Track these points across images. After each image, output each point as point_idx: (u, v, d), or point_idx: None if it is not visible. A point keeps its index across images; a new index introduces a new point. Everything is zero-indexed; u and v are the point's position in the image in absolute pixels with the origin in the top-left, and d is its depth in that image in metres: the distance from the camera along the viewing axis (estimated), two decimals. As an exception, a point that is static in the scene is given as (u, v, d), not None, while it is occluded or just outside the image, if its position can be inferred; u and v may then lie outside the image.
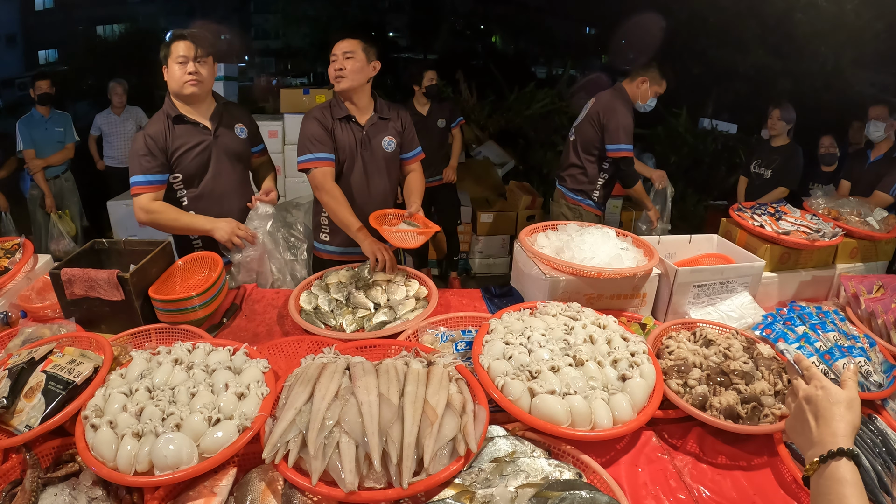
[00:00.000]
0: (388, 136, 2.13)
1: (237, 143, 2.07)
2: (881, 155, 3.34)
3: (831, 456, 0.73)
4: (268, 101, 5.61)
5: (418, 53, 9.74)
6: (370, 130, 2.09)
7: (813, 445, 0.79)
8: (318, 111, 2.06)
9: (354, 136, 2.07)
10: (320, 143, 2.01)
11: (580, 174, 3.08)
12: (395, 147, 2.16)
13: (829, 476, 0.72)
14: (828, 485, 0.72)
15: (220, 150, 2.01)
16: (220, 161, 2.01)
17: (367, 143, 2.09)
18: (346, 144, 2.06)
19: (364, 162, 2.10)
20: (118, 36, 8.89)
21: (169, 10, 8.78)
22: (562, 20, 9.38)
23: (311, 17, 8.78)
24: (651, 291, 1.73)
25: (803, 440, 0.82)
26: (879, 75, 5.36)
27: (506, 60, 8.79)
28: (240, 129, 2.09)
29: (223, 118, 2.03)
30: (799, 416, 0.84)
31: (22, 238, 1.89)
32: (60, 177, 4.19)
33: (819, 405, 0.81)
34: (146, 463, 0.99)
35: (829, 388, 0.83)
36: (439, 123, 3.81)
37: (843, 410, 0.80)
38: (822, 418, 0.80)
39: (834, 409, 0.80)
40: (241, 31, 8.88)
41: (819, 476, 0.74)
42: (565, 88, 6.71)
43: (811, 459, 0.76)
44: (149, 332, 1.52)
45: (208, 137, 1.98)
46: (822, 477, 0.73)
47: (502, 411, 1.16)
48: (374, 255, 1.86)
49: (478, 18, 9.74)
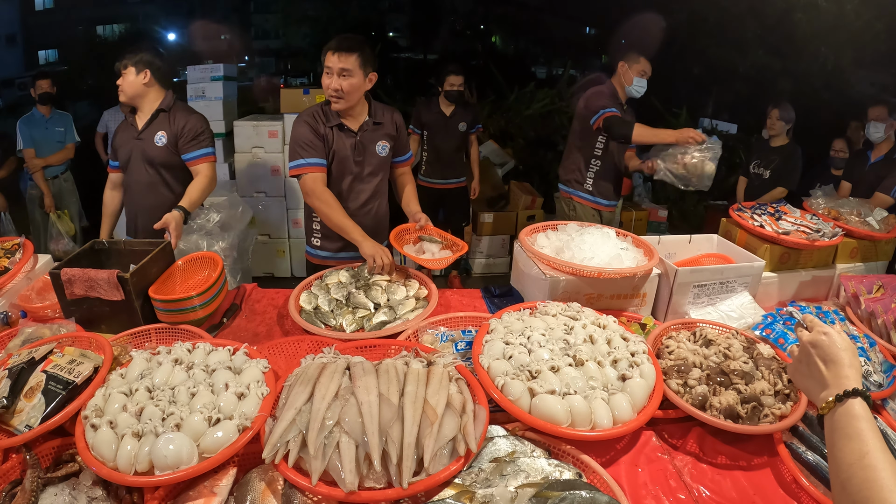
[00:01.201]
0: (382, 140, 2.11)
1: (153, 148, 2.22)
2: (882, 156, 3.32)
3: (847, 395, 0.78)
4: (268, 101, 5.60)
5: (418, 53, 9.74)
6: (364, 136, 2.06)
7: (825, 386, 0.83)
8: (309, 115, 2.03)
9: (347, 142, 2.04)
10: (311, 149, 1.98)
11: (568, 163, 3.16)
12: (388, 151, 2.14)
13: (845, 413, 0.76)
14: (845, 420, 0.76)
15: (139, 151, 2.23)
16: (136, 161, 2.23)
17: (360, 149, 2.06)
18: (339, 150, 2.04)
19: (358, 167, 2.08)
20: (118, 36, 8.88)
21: (169, 10, 8.77)
22: (562, 20, 9.38)
23: (311, 17, 8.77)
24: (651, 291, 1.73)
25: (812, 383, 0.86)
26: (879, 75, 5.36)
27: (506, 60, 8.78)
28: (160, 137, 2.21)
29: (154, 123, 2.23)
30: (806, 359, 0.88)
31: (22, 238, 1.89)
32: (60, 177, 4.18)
33: (826, 350, 0.86)
34: (146, 463, 0.99)
35: (832, 335, 0.87)
36: (460, 127, 3.83)
37: (850, 356, 0.84)
38: (830, 361, 0.85)
39: (841, 354, 0.84)
40: (241, 31, 8.87)
41: (834, 414, 0.78)
42: (565, 88, 6.70)
43: (825, 399, 0.80)
44: (149, 332, 1.52)
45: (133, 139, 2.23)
46: (838, 414, 0.77)
47: (502, 411, 1.16)
48: (372, 258, 1.84)
49: (478, 18, 9.73)
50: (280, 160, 4.08)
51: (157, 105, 2.24)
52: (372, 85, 2.02)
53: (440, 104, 3.78)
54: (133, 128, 2.25)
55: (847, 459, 0.71)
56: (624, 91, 2.94)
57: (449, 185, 3.93)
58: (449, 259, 1.90)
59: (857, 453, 0.71)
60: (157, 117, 2.23)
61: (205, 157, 2.25)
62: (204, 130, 2.26)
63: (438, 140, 3.82)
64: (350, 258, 2.11)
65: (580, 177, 3.10)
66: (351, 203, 2.09)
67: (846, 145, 3.88)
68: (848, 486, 0.69)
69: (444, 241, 2.01)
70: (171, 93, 2.29)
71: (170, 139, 2.21)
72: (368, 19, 9.25)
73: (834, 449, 0.74)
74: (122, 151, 2.27)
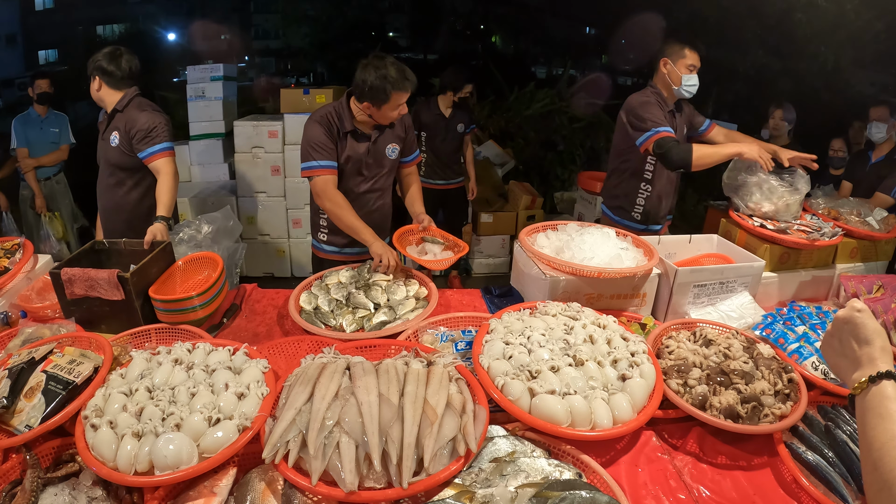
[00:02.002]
0: (393, 143, 2.13)
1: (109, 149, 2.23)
2: (882, 156, 3.32)
3: (880, 377, 0.78)
4: (268, 101, 5.60)
5: (418, 53, 9.74)
6: (376, 140, 2.08)
7: (858, 366, 0.83)
8: (322, 117, 2.02)
9: (362, 146, 2.06)
10: (324, 151, 1.98)
11: (612, 184, 2.58)
12: (398, 153, 2.16)
13: (878, 393, 0.77)
14: (877, 401, 0.76)
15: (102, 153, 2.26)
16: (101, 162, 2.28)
17: (372, 152, 2.09)
18: (353, 154, 2.05)
19: (369, 169, 2.10)
20: (118, 36, 8.89)
21: (169, 10, 8.76)
22: (562, 20, 9.38)
23: (311, 17, 8.77)
24: (651, 291, 1.73)
25: (845, 362, 0.86)
26: (879, 75, 5.36)
27: (506, 60, 8.78)
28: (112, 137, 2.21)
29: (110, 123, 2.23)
30: (839, 335, 0.88)
31: (22, 238, 1.89)
32: (52, 178, 4.13)
33: (860, 329, 0.85)
34: (146, 463, 0.99)
35: (866, 312, 0.87)
36: (459, 128, 3.83)
37: (883, 339, 0.84)
38: (863, 341, 0.84)
39: (873, 336, 0.84)
40: (241, 31, 8.87)
41: (866, 395, 0.78)
42: (565, 88, 6.70)
43: (858, 380, 0.80)
44: (149, 332, 1.52)
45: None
46: (871, 395, 0.77)
47: (502, 411, 1.16)
48: (379, 257, 1.85)
49: (478, 18, 9.73)
50: (280, 160, 4.08)
51: (112, 107, 2.23)
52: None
53: (439, 105, 3.77)
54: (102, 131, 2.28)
55: (880, 439, 0.71)
56: (672, 93, 2.35)
57: (448, 186, 3.94)
58: (450, 260, 1.92)
59: (889, 433, 0.71)
60: (114, 118, 2.23)
61: (161, 153, 2.18)
62: (156, 126, 2.19)
63: (438, 141, 3.82)
64: (356, 254, 2.14)
65: (627, 203, 2.51)
66: (358, 202, 2.10)
67: (844, 145, 3.87)
68: (880, 465, 0.69)
69: (446, 243, 2.03)
70: (132, 90, 2.24)
71: (122, 139, 2.19)
72: (368, 19, 9.26)
73: (866, 428, 0.75)
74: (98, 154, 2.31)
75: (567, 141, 6.05)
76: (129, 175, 2.25)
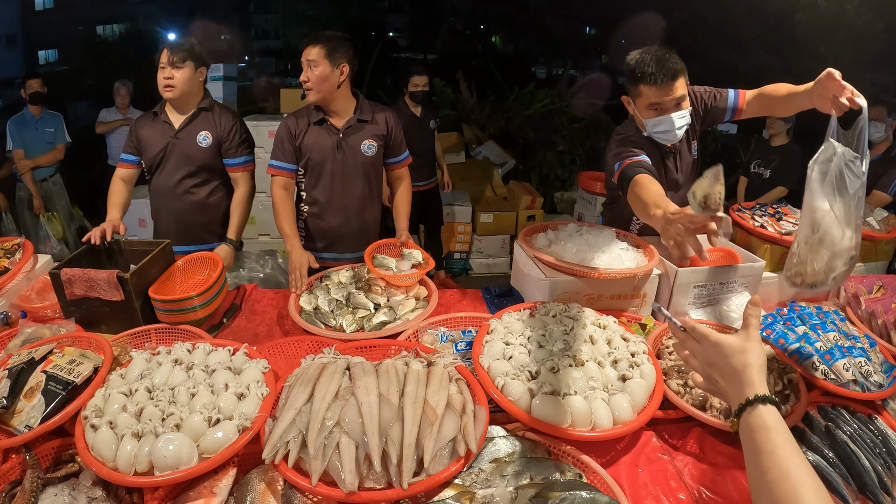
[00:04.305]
0: (368, 139, 2.09)
1: (196, 149, 2.17)
2: (879, 154, 3.33)
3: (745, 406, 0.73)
4: (268, 101, 5.61)
5: (418, 53, 9.74)
6: (347, 133, 2.06)
7: (731, 402, 0.78)
8: (294, 113, 2.06)
9: (329, 139, 2.05)
10: (281, 153, 2.05)
11: (608, 206, 2.31)
12: (376, 150, 2.11)
13: (751, 426, 0.72)
14: (750, 435, 0.71)
15: (178, 150, 2.16)
16: (171, 160, 2.18)
17: (343, 147, 2.06)
18: (319, 148, 2.04)
19: (340, 165, 2.07)
20: (118, 36, 8.89)
21: (169, 10, 8.77)
22: (562, 20, 9.39)
23: (311, 17, 8.77)
24: (651, 292, 1.73)
25: (724, 398, 0.82)
26: (879, 75, 5.36)
27: (506, 60, 8.80)
28: (203, 137, 2.17)
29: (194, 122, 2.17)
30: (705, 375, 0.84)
31: (22, 238, 1.89)
32: (49, 180, 4.13)
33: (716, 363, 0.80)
34: (146, 463, 0.99)
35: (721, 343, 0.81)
36: (431, 124, 3.81)
37: (742, 358, 0.78)
38: (724, 375, 0.79)
39: (732, 361, 0.78)
40: (241, 31, 8.87)
41: (743, 430, 0.73)
42: (565, 88, 6.71)
43: (732, 421, 0.76)
44: (149, 333, 1.52)
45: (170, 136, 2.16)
46: (745, 429, 0.73)
47: (502, 411, 1.16)
48: (292, 272, 1.85)
49: (478, 18, 9.75)
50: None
51: (196, 103, 2.17)
52: (344, 77, 2.00)
53: (409, 106, 3.72)
54: (167, 125, 2.16)
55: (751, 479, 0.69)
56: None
57: (425, 187, 3.86)
58: (415, 276, 1.81)
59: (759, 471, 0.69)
60: (198, 116, 2.17)
61: (246, 165, 2.23)
62: (248, 136, 2.24)
63: (416, 142, 3.76)
64: (332, 259, 2.15)
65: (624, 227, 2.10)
66: (336, 202, 2.10)
67: None
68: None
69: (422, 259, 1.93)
70: (206, 92, 2.25)
71: (214, 141, 2.16)
72: (368, 19, 9.27)
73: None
74: (150, 149, 2.17)
75: (567, 141, 6.06)
76: (214, 176, 2.23)
